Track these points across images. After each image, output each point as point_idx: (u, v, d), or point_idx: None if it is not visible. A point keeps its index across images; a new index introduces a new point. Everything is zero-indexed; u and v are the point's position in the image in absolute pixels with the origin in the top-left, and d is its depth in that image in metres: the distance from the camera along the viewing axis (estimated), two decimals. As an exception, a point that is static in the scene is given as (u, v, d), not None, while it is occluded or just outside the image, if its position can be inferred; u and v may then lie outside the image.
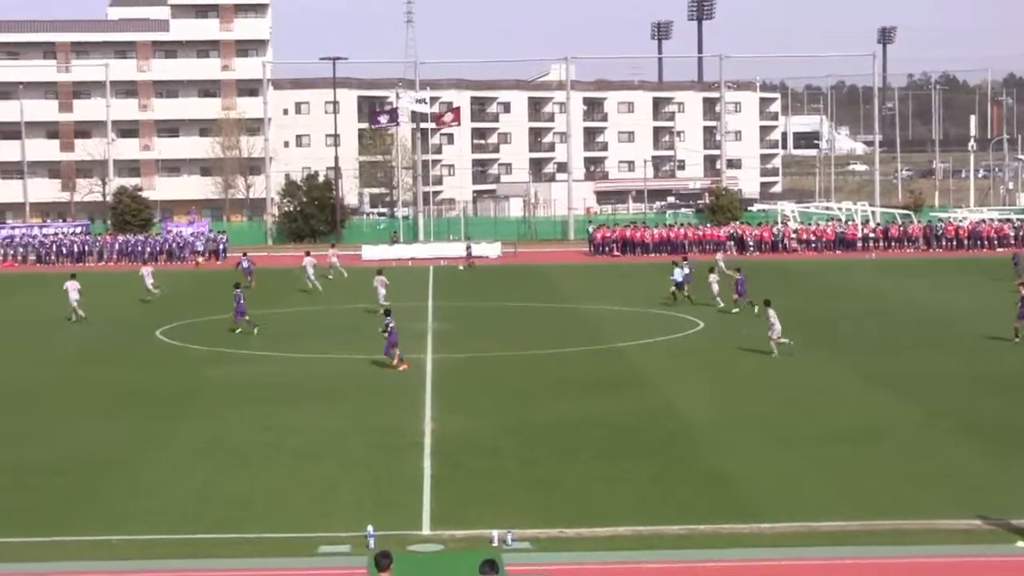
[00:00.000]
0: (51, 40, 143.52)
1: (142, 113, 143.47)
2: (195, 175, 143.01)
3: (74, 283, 61.06)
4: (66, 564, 24.56)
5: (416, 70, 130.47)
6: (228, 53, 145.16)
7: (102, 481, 30.56)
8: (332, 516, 27.23)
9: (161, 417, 38.07)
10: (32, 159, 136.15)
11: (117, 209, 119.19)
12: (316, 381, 44.02)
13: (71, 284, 60.86)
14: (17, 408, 40.01)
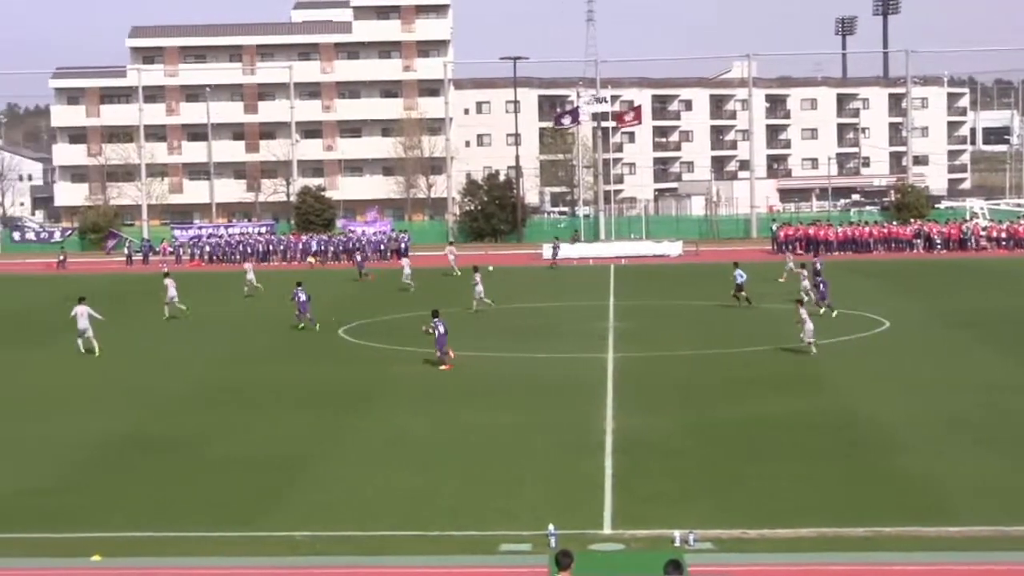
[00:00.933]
0: (237, 43, 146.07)
1: (325, 114, 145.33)
2: (377, 175, 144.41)
3: (171, 281, 63.22)
4: (252, 560, 24.81)
5: (597, 69, 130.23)
6: (410, 54, 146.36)
7: (287, 477, 30.86)
8: (513, 514, 27.12)
9: (345, 414, 38.39)
10: (218, 160, 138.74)
11: (301, 209, 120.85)
12: (499, 379, 44.01)
13: (169, 282, 63.00)
14: (210, 405, 40.63)
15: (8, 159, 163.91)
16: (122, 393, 42.83)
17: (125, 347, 53.30)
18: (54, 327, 59.17)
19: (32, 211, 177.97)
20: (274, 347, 52.62)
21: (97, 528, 26.75)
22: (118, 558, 24.93)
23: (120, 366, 48.62)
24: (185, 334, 57.27)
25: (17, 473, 31.84)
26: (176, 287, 62.85)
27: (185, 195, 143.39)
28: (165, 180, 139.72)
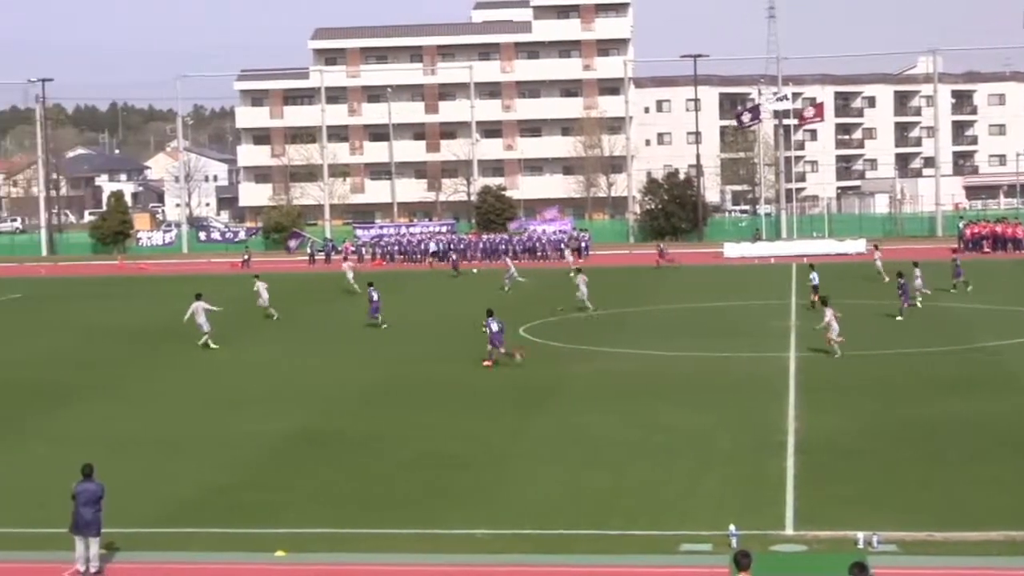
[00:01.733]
0: (418, 44, 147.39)
1: (505, 113, 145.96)
2: (557, 174, 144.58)
3: (263, 283, 64.35)
4: (432, 557, 24.93)
5: (779, 66, 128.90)
6: (589, 53, 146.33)
7: (469, 475, 31.00)
8: (694, 514, 26.93)
9: (527, 412, 38.48)
10: (400, 160, 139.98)
11: (481, 208, 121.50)
12: (680, 378, 43.81)
13: (261, 284, 64.13)
14: (392, 403, 41.00)
15: (194, 160, 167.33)
16: (306, 391, 43.44)
17: (307, 345, 54.01)
18: (238, 326, 60.24)
19: (217, 211, 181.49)
20: (456, 345, 52.87)
21: (281, 524, 27.13)
22: (301, 553, 25.25)
23: (303, 364, 49.30)
24: (367, 333, 57.87)
25: (205, 469, 32.44)
26: (267, 289, 64.05)
27: (367, 195, 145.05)
28: (347, 180, 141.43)
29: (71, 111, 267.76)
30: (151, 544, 26.15)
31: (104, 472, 25.87)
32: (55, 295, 73.99)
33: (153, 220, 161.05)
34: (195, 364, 50.37)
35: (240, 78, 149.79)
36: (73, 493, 24.55)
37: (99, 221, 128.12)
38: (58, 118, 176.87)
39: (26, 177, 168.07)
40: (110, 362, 51.13)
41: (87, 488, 24.53)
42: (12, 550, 25.94)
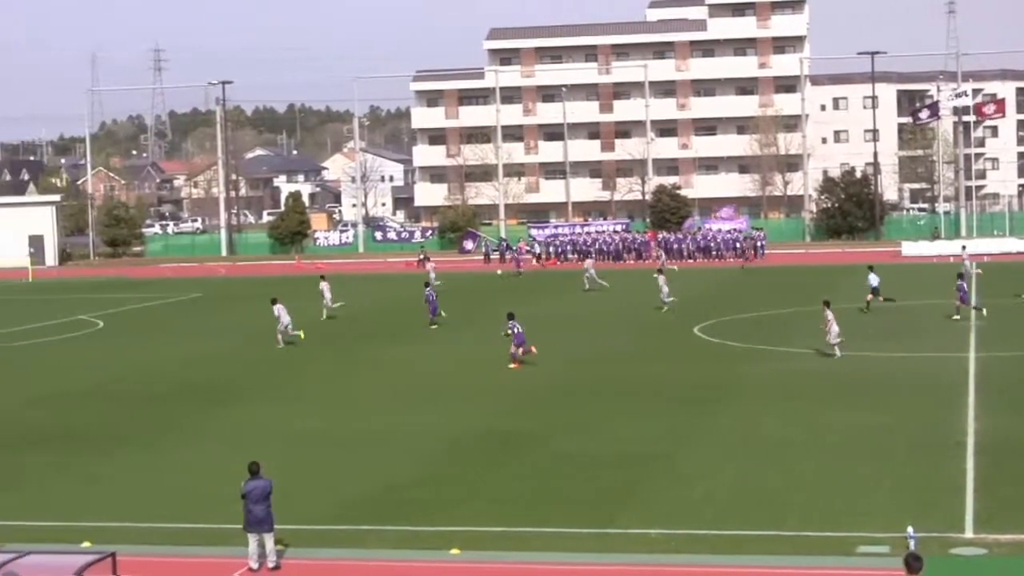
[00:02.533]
0: (592, 43, 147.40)
1: (680, 112, 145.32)
2: (732, 172, 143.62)
3: (326, 283, 65.65)
4: (607, 556, 24.88)
5: (958, 62, 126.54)
6: (765, 50, 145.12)
7: (643, 474, 30.91)
8: (870, 515, 26.54)
9: (699, 412, 38.30)
10: (574, 159, 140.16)
11: (656, 207, 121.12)
12: (856, 378, 43.24)
13: (324, 284, 65.33)
14: (567, 402, 41.05)
15: (370, 161, 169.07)
16: (481, 388, 43.65)
17: (483, 343, 54.29)
18: (416, 324, 60.82)
19: (393, 211, 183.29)
20: (628, 345, 52.78)
21: (455, 522, 27.27)
22: (476, 552, 25.35)
23: (477, 362, 49.54)
24: (540, 332, 57.96)
25: (380, 467, 32.74)
26: (331, 289, 65.14)
27: (541, 194, 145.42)
28: (522, 180, 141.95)
29: (250, 113, 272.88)
30: (325, 541, 26.46)
31: (279, 470, 26.30)
32: (233, 295, 75.33)
33: (330, 220, 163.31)
34: (372, 362, 50.86)
35: (416, 79, 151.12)
36: (243, 492, 24.94)
37: (277, 221, 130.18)
38: (238, 120, 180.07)
39: (206, 178, 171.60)
40: (285, 361, 51.87)
41: (256, 485, 24.90)
42: (188, 545, 26.45)
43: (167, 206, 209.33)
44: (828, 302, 49.17)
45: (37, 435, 38.20)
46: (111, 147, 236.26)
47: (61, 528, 27.70)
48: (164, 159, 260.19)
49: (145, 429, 38.56)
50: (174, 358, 53.84)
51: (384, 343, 56.24)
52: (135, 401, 43.62)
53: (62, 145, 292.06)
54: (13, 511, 29.37)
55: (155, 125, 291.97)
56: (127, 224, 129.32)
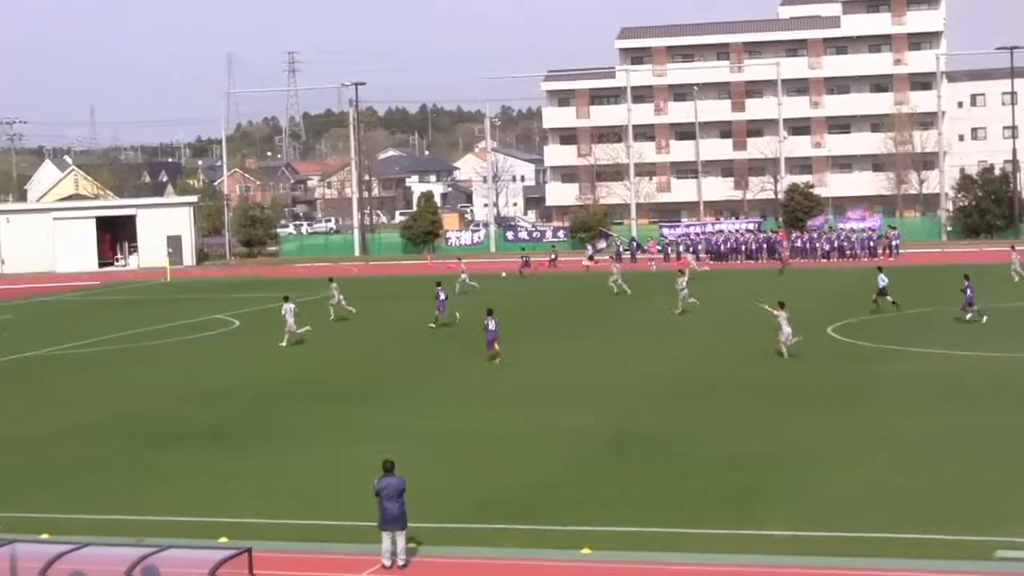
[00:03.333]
0: (724, 42, 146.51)
1: (813, 110, 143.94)
2: (866, 171, 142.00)
3: (335, 285, 67.22)
4: (738, 557, 24.77)
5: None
6: (900, 47, 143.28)
7: (775, 475, 30.72)
8: (1009, 519, 26.15)
9: (833, 412, 37.99)
10: (706, 158, 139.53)
11: (789, 206, 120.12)
12: (991, 379, 42.66)
13: (333, 287, 66.97)
14: (699, 402, 40.90)
15: (501, 161, 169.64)
16: (613, 389, 43.60)
17: (615, 343, 54.24)
18: (547, 324, 60.92)
19: (524, 211, 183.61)
20: (761, 345, 52.44)
21: (587, 521, 27.28)
22: (607, 551, 25.34)
23: (610, 363, 49.49)
24: (674, 331, 57.85)
25: (513, 465, 32.86)
26: (340, 290, 66.50)
27: (673, 194, 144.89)
28: (653, 179, 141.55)
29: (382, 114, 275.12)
30: (458, 540, 26.59)
31: (414, 468, 26.48)
32: (366, 294, 75.76)
33: (462, 220, 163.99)
34: (503, 361, 51.01)
35: (547, 79, 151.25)
36: (376, 489, 25.12)
37: (410, 221, 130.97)
38: (370, 121, 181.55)
39: (339, 179, 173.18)
40: (421, 360, 52.19)
41: (390, 483, 25.07)
42: (323, 542, 26.73)
43: (301, 206, 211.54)
44: (783, 303, 50.31)
45: (175, 432, 38.84)
46: (247, 149, 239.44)
47: (199, 524, 28.14)
48: (298, 160, 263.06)
49: (281, 427, 39.03)
50: (309, 357, 54.41)
51: (515, 342, 56.33)
52: (271, 399, 44.19)
53: (199, 147, 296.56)
54: (155, 506, 29.90)
55: (289, 127, 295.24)
56: (262, 224, 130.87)
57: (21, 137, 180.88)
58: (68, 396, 46.71)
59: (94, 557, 19.15)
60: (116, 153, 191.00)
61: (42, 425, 40.90)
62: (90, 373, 52.55)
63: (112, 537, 26.27)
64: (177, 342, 59.27)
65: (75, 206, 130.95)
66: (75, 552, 19.16)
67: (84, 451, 36.74)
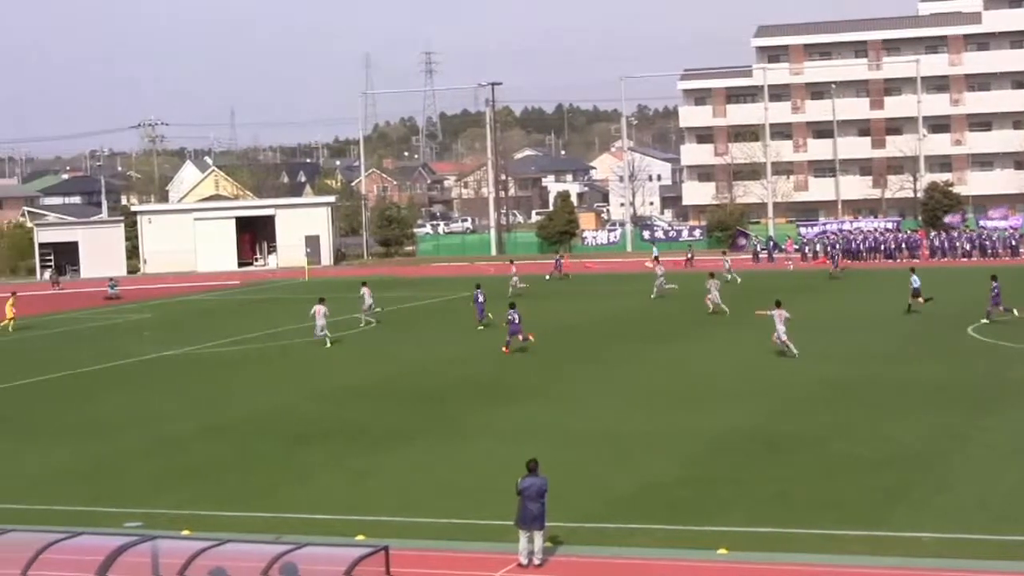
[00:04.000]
0: (862, 39, 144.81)
1: (953, 108, 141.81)
2: (1008, 168, 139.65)
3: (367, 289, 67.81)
4: (876, 559, 24.52)
5: None
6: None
7: (913, 477, 30.37)
8: None
9: (974, 414, 37.50)
10: (843, 157, 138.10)
11: (928, 205, 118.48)
12: None
13: (366, 290, 67.52)
14: (833, 403, 40.53)
15: (638, 160, 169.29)
16: (749, 388, 43.33)
17: (752, 343, 53.93)
18: (689, 322, 60.71)
19: (660, 210, 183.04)
20: (900, 345, 51.85)
21: (723, 522, 27.16)
22: (744, 552, 25.22)
23: (746, 362, 49.21)
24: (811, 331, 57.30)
25: (649, 464, 32.80)
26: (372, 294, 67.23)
27: (810, 192, 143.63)
28: (790, 178, 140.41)
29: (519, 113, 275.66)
30: (595, 539, 26.60)
31: (549, 467, 26.48)
32: (502, 293, 75.97)
33: (598, 219, 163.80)
34: (639, 360, 50.97)
35: (683, 77, 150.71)
36: (519, 488, 25.19)
37: (546, 221, 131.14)
38: (506, 121, 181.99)
39: (476, 179, 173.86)
40: (551, 358, 52.24)
41: (533, 483, 25.12)
42: (458, 540, 26.87)
43: (438, 206, 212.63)
44: (779, 302, 50.97)
45: (315, 430, 39.28)
46: (384, 149, 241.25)
47: (337, 521, 28.44)
48: (435, 160, 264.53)
49: (418, 425, 39.31)
50: (445, 355, 54.75)
51: (654, 342, 56.26)
52: (408, 397, 44.51)
53: (337, 147, 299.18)
54: (293, 504, 30.27)
55: (426, 127, 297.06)
56: (399, 224, 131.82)
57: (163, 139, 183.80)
58: (208, 395, 47.43)
59: (233, 554, 19.42)
60: (255, 154, 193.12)
61: (182, 423, 41.57)
62: (230, 372, 53.31)
63: (251, 534, 26.69)
64: (314, 341, 59.87)
65: (215, 206, 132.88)
66: (215, 548, 19.45)
67: (223, 449, 37.29)
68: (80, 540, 20.50)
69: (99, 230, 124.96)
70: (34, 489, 33.10)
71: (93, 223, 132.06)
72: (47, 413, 45.00)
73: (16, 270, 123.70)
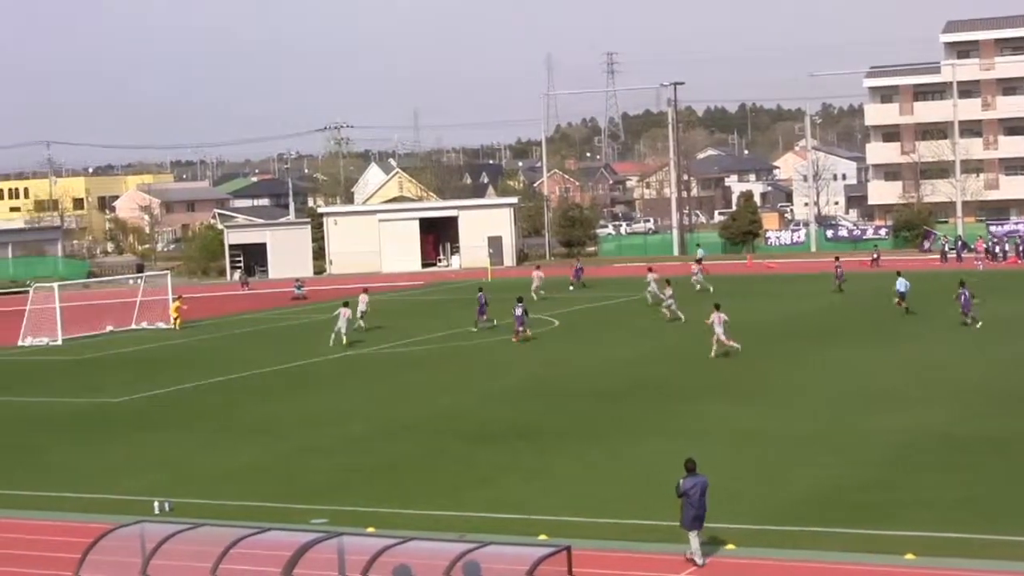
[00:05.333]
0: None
1: None
2: None
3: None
4: None
5: None
6: None
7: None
8: None
9: None
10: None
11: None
12: None
13: (363, 298, 67.91)
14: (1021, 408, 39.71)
15: (822, 159, 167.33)
16: (934, 391, 42.67)
17: (938, 345, 53.06)
18: (864, 325, 59.90)
19: (845, 209, 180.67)
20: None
21: (909, 527, 26.73)
22: (933, 558, 24.77)
23: (930, 365, 48.38)
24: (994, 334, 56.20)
25: (830, 467, 32.44)
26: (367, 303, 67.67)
27: (1001, 191, 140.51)
28: (980, 176, 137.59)
29: (701, 113, 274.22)
30: (774, 541, 26.36)
31: (727, 468, 26.33)
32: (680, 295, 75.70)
33: (781, 219, 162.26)
34: (819, 360, 50.44)
35: (869, 75, 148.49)
36: (681, 490, 25.20)
37: (729, 221, 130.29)
38: (689, 121, 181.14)
39: (658, 179, 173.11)
40: (729, 359, 51.87)
41: (696, 482, 25.15)
42: (639, 541, 26.78)
43: (620, 207, 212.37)
44: (719, 305, 53.45)
45: (495, 429, 39.53)
46: (566, 149, 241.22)
47: (519, 521, 28.55)
48: (617, 160, 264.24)
49: (597, 425, 39.34)
50: (622, 356, 54.74)
51: (834, 343, 55.59)
52: (586, 397, 44.58)
53: (519, 148, 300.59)
54: (476, 503, 30.47)
55: (608, 127, 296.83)
56: (581, 225, 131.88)
57: (348, 142, 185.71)
58: (391, 394, 47.95)
59: (417, 551, 19.62)
60: (438, 156, 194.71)
61: (366, 422, 42.11)
62: (413, 371, 53.82)
63: (435, 532, 26.92)
64: (496, 341, 60.19)
65: (400, 208, 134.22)
66: (399, 546, 19.66)
67: (406, 448, 37.68)
68: (269, 536, 20.89)
69: (286, 232, 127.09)
70: (225, 485, 33.83)
71: (281, 225, 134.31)
72: (237, 410, 45.94)
73: (207, 271, 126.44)
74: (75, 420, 45.60)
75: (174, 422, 44.23)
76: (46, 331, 71.10)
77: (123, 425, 44.05)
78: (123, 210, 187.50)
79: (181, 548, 20.38)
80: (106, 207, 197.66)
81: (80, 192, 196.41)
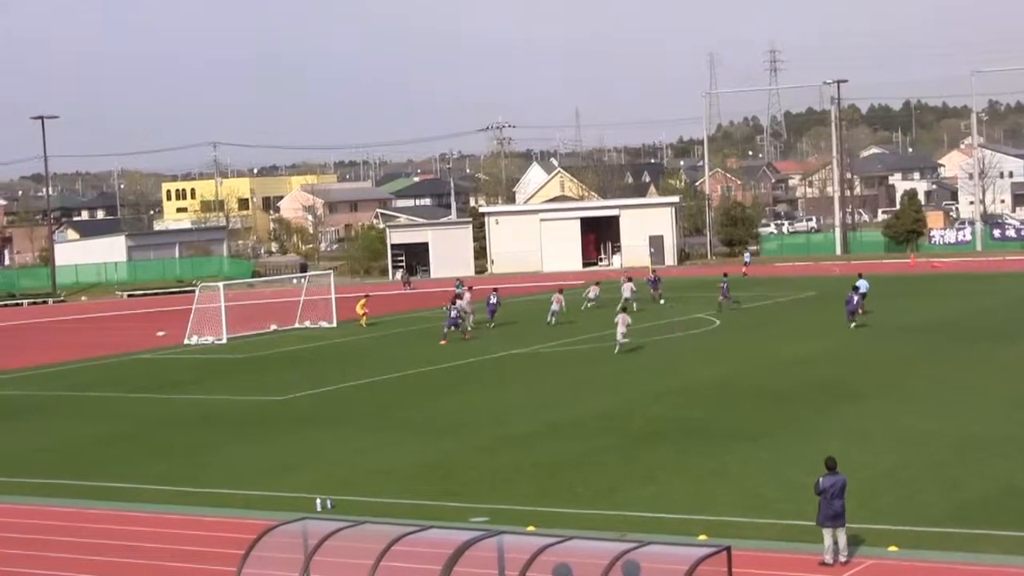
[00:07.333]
0: None
1: None
2: None
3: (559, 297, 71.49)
4: None
5: None
6: None
7: None
8: None
9: None
10: None
11: None
12: None
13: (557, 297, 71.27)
14: None
15: (989, 156, 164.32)
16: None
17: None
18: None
19: (1012, 207, 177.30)
20: None
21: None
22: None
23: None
24: None
25: (1001, 469, 31.94)
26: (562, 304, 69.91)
27: None
28: None
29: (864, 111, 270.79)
30: (940, 543, 26.00)
31: (897, 468, 25.98)
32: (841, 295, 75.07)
33: (946, 218, 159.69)
34: (990, 360, 49.68)
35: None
36: (820, 488, 25.17)
37: (892, 219, 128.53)
38: (852, 118, 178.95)
39: (821, 177, 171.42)
40: (898, 358, 51.23)
41: (836, 480, 25.12)
42: (803, 541, 26.55)
43: (782, 206, 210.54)
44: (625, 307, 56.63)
45: (657, 429, 39.47)
46: (727, 148, 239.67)
47: (680, 520, 28.50)
48: (779, 159, 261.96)
49: (762, 424, 39.14)
50: (787, 355, 54.36)
51: (1005, 342, 54.66)
52: (752, 396, 44.34)
53: (680, 147, 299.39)
54: (637, 502, 30.48)
55: (771, 126, 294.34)
56: (743, 224, 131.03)
57: (510, 141, 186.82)
58: (552, 393, 48.06)
59: (577, 550, 19.67)
60: (600, 155, 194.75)
61: (528, 420, 42.23)
62: (574, 370, 53.86)
63: (595, 531, 26.98)
64: (661, 340, 60.08)
65: (561, 207, 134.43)
66: (559, 545, 19.72)
67: (567, 446, 37.73)
68: (429, 534, 21.09)
69: (448, 231, 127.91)
70: (388, 482, 34.19)
71: (442, 224, 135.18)
72: (398, 409, 46.36)
73: (370, 271, 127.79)
74: (240, 418, 46.40)
75: (337, 420, 44.80)
76: (211, 330, 72.36)
77: (287, 423, 44.73)
78: (287, 210, 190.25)
79: (343, 545, 20.64)
80: (270, 207, 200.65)
81: (245, 193, 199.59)
